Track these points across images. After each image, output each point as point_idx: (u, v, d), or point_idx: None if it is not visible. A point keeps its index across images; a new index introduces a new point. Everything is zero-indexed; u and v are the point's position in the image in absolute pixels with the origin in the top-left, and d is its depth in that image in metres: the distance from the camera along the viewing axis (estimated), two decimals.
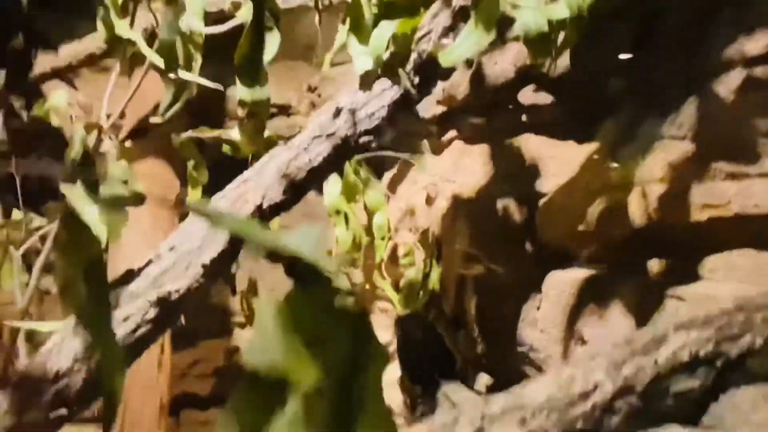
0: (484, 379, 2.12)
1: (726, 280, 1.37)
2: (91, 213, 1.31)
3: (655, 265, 1.57)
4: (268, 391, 0.57)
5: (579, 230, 1.72)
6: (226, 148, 2.18)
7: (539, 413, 0.78)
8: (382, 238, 2.55)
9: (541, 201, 1.89)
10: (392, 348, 2.41)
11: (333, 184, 2.41)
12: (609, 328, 1.63)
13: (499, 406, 0.81)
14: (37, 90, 2.69)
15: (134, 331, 1.40)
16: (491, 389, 2.10)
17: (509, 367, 2.02)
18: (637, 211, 1.58)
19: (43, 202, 2.82)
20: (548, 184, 1.88)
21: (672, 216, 1.50)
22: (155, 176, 2.51)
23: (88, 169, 1.31)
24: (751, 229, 1.36)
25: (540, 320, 1.84)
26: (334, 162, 1.60)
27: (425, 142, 2.55)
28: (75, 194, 1.28)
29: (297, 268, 0.44)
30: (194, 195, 2.07)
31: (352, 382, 0.54)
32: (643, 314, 1.54)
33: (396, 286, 2.50)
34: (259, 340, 0.41)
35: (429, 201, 2.41)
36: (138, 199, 1.40)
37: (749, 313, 0.79)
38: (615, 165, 1.65)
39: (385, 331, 2.62)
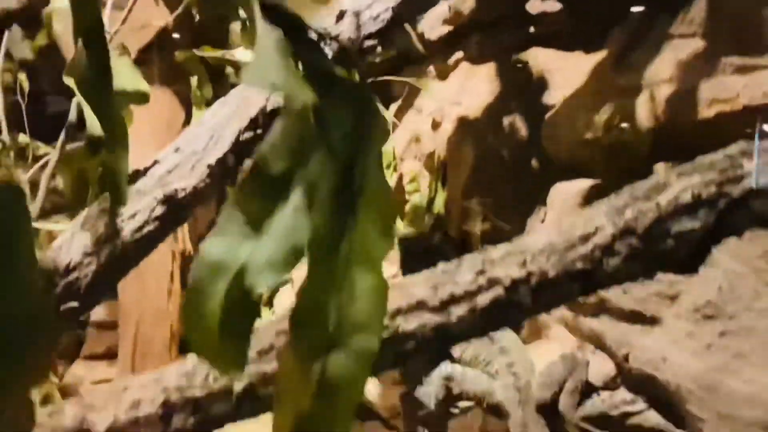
0: None
1: None
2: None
3: (661, 169, 1.56)
4: (273, 181, 0.57)
5: (585, 139, 1.71)
6: (229, 70, 2.17)
7: (539, 255, 0.79)
8: (387, 166, 2.54)
9: (548, 115, 1.88)
10: (398, 279, 2.43)
11: None
12: None
13: (500, 252, 0.82)
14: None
15: (141, 228, 1.42)
16: None
17: None
18: (644, 114, 1.56)
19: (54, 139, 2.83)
20: (555, 96, 1.86)
21: (679, 116, 1.49)
22: (161, 104, 2.50)
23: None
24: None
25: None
26: (340, 65, 1.58)
27: (431, 68, 2.53)
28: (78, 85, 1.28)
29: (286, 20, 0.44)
30: (199, 115, 2.07)
31: (355, 162, 0.55)
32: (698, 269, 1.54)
33: (402, 214, 2.50)
34: (259, 63, 0.41)
35: (435, 126, 2.40)
36: (142, 97, 1.39)
37: (752, 157, 0.79)
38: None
39: (391, 264, 2.65)
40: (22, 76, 2.47)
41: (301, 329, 0.53)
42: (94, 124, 1.34)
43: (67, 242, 1.41)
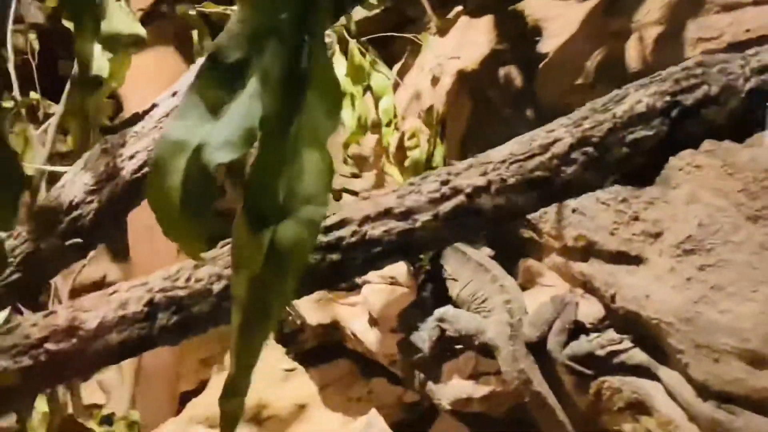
0: (486, 251, 2.18)
1: None
2: (92, 50, 1.36)
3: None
4: (230, 69, 0.62)
5: (577, 83, 1.73)
6: None
7: (500, 165, 0.83)
8: (389, 123, 2.58)
9: (542, 63, 1.89)
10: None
11: (338, 65, 2.43)
12: None
13: (463, 165, 0.86)
14: None
15: (140, 168, 1.48)
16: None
17: (510, 235, 2.07)
18: (633, 55, 1.58)
19: None
20: (549, 44, 1.87)
21: (667, 56, 1.50)
22: (164, 62, 2.55)
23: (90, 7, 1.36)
24: None
25: None
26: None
27: (431, 25, 2.54)
28: (76, 28, 1.34)
29: None
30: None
31: (301, 47, 0.59)
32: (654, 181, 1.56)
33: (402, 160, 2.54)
34: None
35: (434, 81, 2.42)
36: (138, 40, 1.44)
37: (708, 67, 0.81)
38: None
39: None
40: (32, 36, 2.53)
41: (253, 201, 0.58)
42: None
43: (70, 182, 1.48)
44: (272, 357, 3.95)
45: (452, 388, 1.93)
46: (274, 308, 0.59)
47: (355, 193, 2.62)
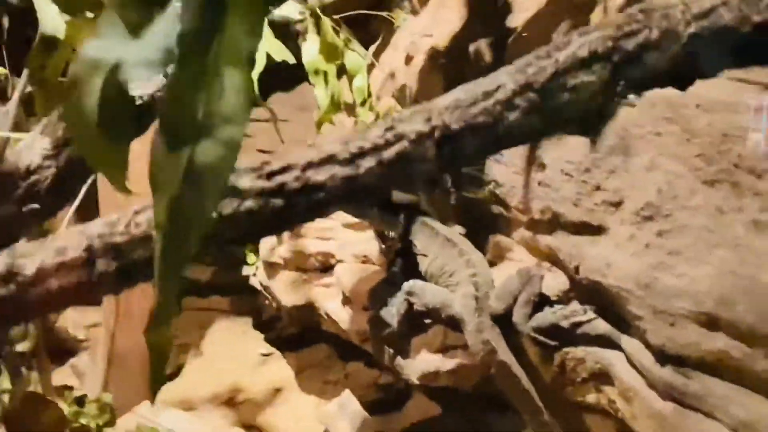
0: (457, 229, 2.18)
1: None
2: (48, 12, 1.34)
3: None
4: None
5: None
6: None
7: (444, 111, 0.83)
8: (363, 102, 2.57)
9: (511, 38, 1.89)
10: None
11: (311, 43, 2.41)
12: (567, 150, 1.66)
13: (408, 112, 0.85)
14: None
15: None
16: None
17: (480, 211, 2.08)
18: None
19: None
20: (518, 19, 1.87)
21: None
22: None
23: None
24: None
25: (505, 153, 1.88)
26: None
27: (406, 4, 2.53)
28: None
29: None
30: None
31: None
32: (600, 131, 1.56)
33: None
34: None
35: (408, 60, 2.41)
36: (96, 3, 1.42)
37: (649, 13, 0.81)
38: None
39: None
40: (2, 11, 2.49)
41: (169, 119, 0.57)
42: (44, 23, 1.37)
43: (28, 147, 1.46)
44: (250, 343, 3.95)
45: (420, 362, 1.93)
46: (193, 230, 0.58)
47: None
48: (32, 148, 1.46)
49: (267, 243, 3.37)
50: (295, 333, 3.94)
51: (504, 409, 1.97)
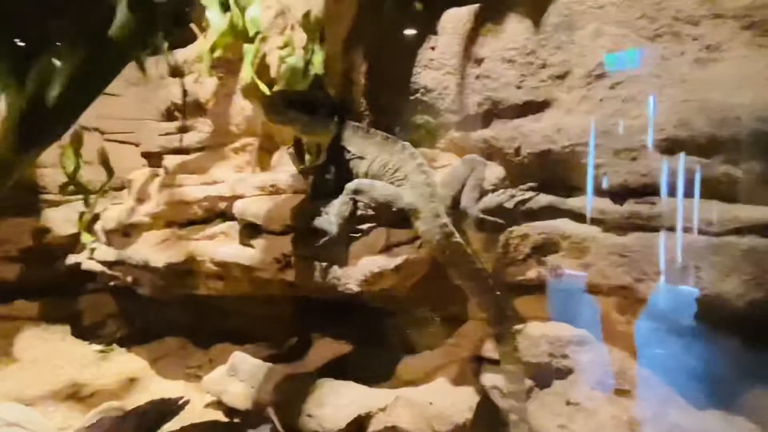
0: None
1: None
2: None
3: None
4: None
5: None
6: None
7: None
8: (257, 33, 2.46)
9: None
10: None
11: None
12: (505, 40, 1.80)
13: None
14: None
15: None
16: None
17: (404, 122, 2.11)
18: None
19: None
20: None
21: None
22: None
23: None
24: None
25: (436, 57, 1.96)
26: None
27: None
28: None
29: None
30: None
31: None
32: (539, 15, 1.73)
33: (270, 83, 2.43)
34: None
35: None
36: None
37: None
38: None
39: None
40: None
41: None
42: None
43: None
44: (75, 344, 3.41)
45: (362, 267, 1.86)
46: None
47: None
48: None
49: (122, 208, 2.95)
50: (139, 328, 3.49)
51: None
